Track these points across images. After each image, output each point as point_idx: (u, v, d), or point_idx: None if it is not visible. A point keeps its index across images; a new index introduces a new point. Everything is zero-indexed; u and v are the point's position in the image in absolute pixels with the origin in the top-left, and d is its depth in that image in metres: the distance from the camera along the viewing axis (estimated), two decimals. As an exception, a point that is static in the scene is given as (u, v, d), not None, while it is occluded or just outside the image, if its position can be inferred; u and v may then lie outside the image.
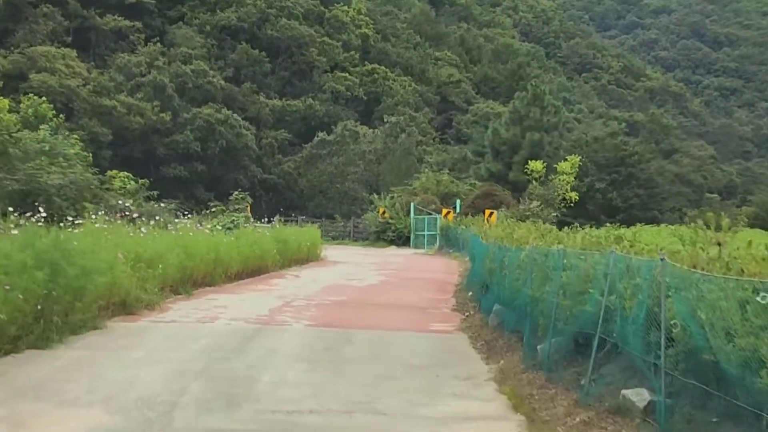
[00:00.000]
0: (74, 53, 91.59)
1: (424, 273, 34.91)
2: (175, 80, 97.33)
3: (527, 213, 44.74)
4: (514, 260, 14.73)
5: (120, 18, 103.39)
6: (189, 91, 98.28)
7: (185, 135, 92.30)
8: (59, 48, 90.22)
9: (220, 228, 30.12)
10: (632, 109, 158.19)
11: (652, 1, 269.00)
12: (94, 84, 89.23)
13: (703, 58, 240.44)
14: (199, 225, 28.01)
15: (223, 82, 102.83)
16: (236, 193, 39.62)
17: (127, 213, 23.43)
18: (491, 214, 42.36)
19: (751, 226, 57.98)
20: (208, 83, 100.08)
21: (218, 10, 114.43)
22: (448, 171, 75.67)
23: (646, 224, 39.26)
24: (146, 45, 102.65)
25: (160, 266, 20.32)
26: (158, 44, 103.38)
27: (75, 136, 51.91)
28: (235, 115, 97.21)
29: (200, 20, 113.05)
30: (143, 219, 23.78)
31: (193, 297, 21.87)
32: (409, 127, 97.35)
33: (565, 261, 11.71)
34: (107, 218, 21.02)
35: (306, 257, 38.83)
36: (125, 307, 17.80)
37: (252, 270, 29.71)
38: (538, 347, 12.05)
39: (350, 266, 38.05)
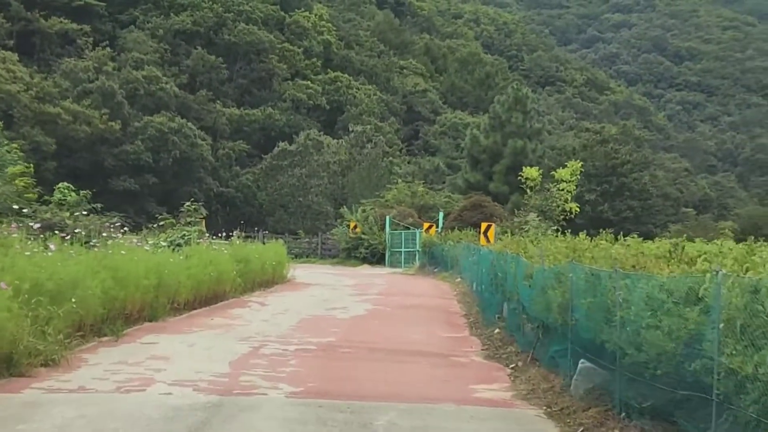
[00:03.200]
0: (15, 57, 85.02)
1: (416, 299, 28.89)
2: (126, 87, 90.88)
3: (524, 227, 38.96)
4: (640, 296, 8.79)
5: (66, 21, 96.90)
6: (140, 99, 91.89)
7: (136, 145, 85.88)
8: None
9: (164, 244, 23.97)
10: (602, 121, 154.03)
11: (613, 16, 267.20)
12: (37, 90, 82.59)
13: (665, 72, 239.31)
14: (135, 240, 21.80)
15: (177, 89, 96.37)
16: (188, 203, 33.25)
17: (30, 224, 17.11)
18: (489, 227, 36.50)
19: (737, 240, 53.01)
20: (161, 90, 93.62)
21: (172, 14, 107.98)
22: (422, 182, 69.51)
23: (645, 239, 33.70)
24: (94, 49, 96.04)
25: (73, 299, 14.16)
26: (107, 49, 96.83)
27: (15, 145, 45.85)
28: (189, 124, 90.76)
29: (153, 24, 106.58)
30: (57, 232, 17.58)
31: (123, 340, 15.74)
32: (375, 136, 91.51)
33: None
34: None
35: (272, 279, 32.73)
36: (10, 366, 11.65)
37: (207, 297, 23.64)
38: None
39: (324, 289, 32.02)
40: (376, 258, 55.89)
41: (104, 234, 20.31)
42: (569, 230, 28.21)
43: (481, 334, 18.73)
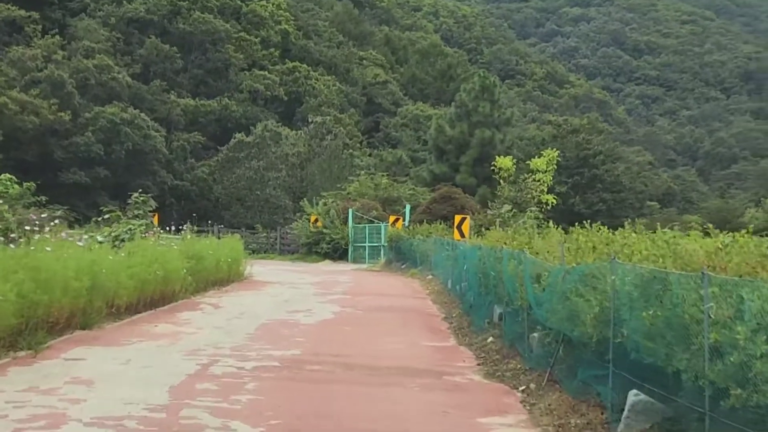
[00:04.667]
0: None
1: (387, 299, 26.15)
2: (76, 76, 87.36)
3: (497, 220, 36.40)
4: (748, 311, 6.13)
5: (14, 8, 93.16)
6: (91, 88, 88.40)
7: (86, 137, 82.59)
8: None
9: (101, 239, 21.07)
10: (563, 115, 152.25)
11: (571, 10, 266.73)
12: (-18, 79, 79.23)
13: (623, 66, 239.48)
14: (64, 234, 18.89)
15: (129, 79, 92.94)
16: (136, 194, 30.26)
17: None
18: (463, 220, 33.82)
19: (706, 233, 51.02)
20: (113, 80, 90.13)
21: (125, 2, 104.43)
22: (385, 174, 66.60)
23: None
24: (43, 37, 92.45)
25: (-25, 308, 11.33)
26: (57, 37, 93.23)
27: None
28: (142, 114, 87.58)
29: (105, 12, 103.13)
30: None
31: (43, 356, 12.85)
32: (335, 128, 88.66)
33: None
34: None
35: (227, 277, 29.81)
36: None
37: (152, 299, 20.82)
38: None
39: (285, 288, 29.21)
40: (338, 253, 53.07)
41: (27, 227, 17.34)
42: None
43: (471, 343, 16.02)
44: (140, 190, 32.93)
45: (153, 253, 21.68)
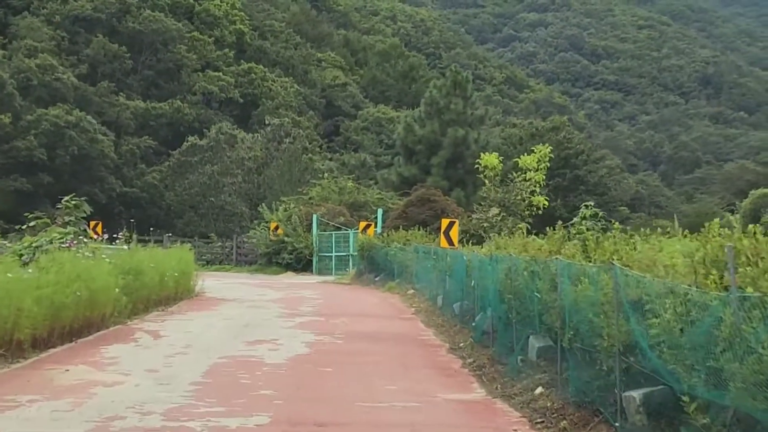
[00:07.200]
0: None
1: (368, 321, 21.44)
2: (17, 76, 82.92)
3: (484, 224, 32.00)
4: None
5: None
6: (34, 90, 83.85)
7: (28, 141, 78.21)
8: None
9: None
10: (527, 119, 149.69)
11: (528, 15, 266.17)
12: None
13: (582, 71, 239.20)
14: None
15: (75, 80, 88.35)
16: (66, 199, 25.50)
17: None
18: (451, 225, 29.06)
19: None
20: (57, 80, 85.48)
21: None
22: (350, 178, 62.35)
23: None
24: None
25: None
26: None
27: None
28: (89, 117, 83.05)
29: (49, 10, 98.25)
30: None
31: None
32: (294, 130, 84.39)
33: None
34: None
35: (173, 294, 25.14)
36: None
37: (72, 328, 16.22)
38: None
39: (243, 308, 24.52)
40: (301, 264, 48.43)
41: None
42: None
43: (509, 394, 11.30)
44: (73, 194, 28.13)
45: (74, 269, 17.00)
